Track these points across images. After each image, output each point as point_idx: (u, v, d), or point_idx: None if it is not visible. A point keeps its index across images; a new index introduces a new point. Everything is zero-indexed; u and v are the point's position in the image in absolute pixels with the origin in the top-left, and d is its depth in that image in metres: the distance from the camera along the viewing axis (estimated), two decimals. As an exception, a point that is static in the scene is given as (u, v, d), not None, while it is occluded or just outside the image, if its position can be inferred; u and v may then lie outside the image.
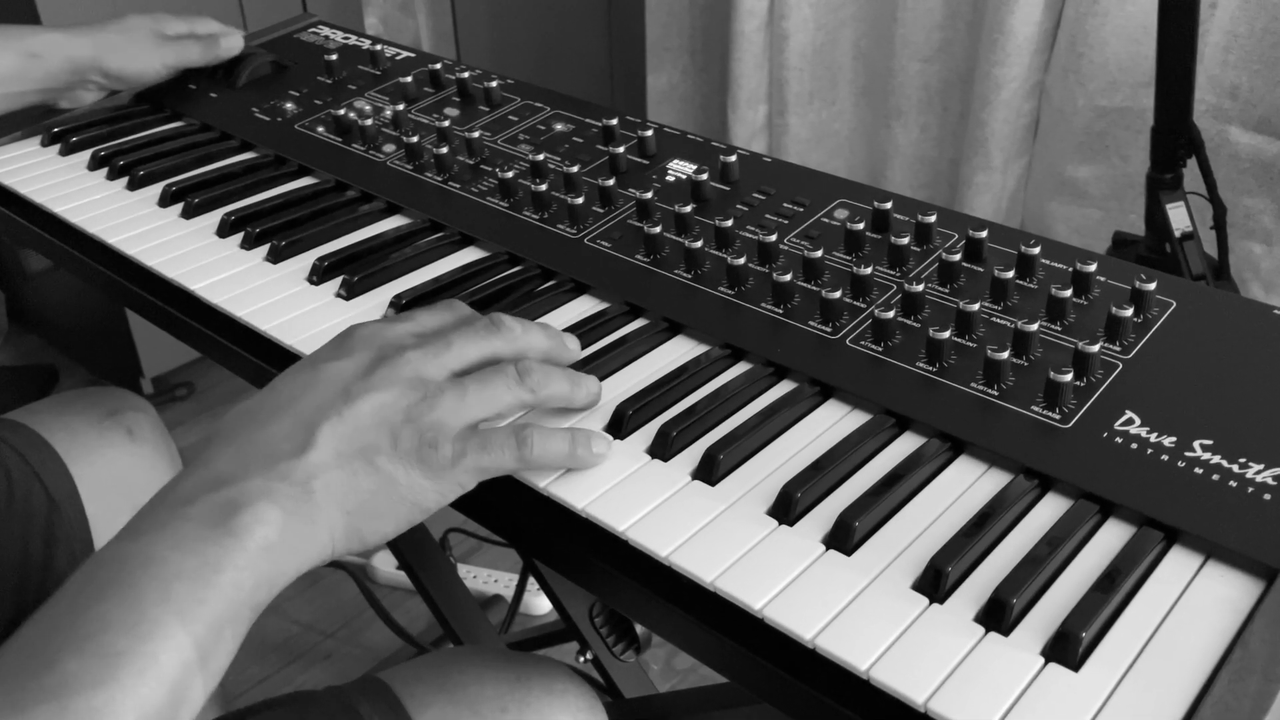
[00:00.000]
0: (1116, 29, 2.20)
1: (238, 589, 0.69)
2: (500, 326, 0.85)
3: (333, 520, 0.74)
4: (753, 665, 0.71)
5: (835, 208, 1.06)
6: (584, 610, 1.27)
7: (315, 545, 0.74)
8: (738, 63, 2.74)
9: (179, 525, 0.70)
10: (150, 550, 0.69)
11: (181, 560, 0.68)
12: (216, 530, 0.70)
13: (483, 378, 0.81)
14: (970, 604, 0.70)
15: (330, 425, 0.75)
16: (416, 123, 1.29)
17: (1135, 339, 0.87)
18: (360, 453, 0.75)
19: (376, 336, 0.82)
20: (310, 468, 0.74)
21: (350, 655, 2.19)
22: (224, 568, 0.69)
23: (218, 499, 0.71)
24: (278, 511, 0.71)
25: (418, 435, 0.77)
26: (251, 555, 0.70)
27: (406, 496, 0.77)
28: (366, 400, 0.76)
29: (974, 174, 2.48)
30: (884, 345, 0.89)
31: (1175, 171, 1.91)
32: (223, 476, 0.73)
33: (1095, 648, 0.66)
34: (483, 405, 0.80)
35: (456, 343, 0.83)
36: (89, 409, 1.37)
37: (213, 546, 0.69)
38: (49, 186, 1.26)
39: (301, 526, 0.73)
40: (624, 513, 0.78)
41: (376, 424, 0.76)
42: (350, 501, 0.75)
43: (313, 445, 0.74)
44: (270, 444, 0.75)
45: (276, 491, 0.72)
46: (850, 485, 0.79)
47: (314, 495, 0.73)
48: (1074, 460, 0.78)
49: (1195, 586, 0.70)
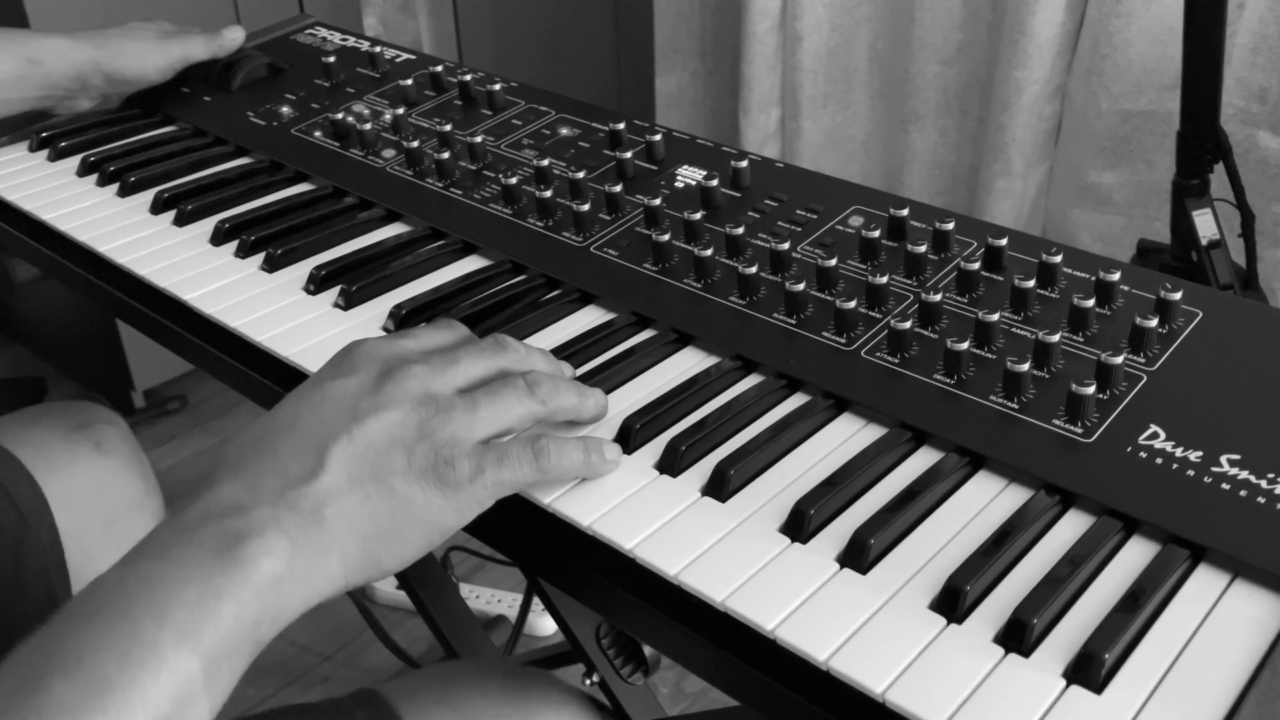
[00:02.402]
0: (1141, 30, 2.20)
1: (239, 621, 0.68)
2: (506, 345, 0.85)
3: (346, 548, 0.73)
4: (765, 688, 0.71)
5: (850, 215, 1.06)
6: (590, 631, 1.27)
7: (326, 576, 0.73)
8: (749, 65, 2.74)
9: (183, 551, 0.69)
10: (151, 575, 0.68)
11: (182, 587, 0.67)
12: (221, 558, 0.69)
13: (493, 391, 0.80)
14: (989, 624, 0.70)
15: (340, 447, 0.74)
16: (417, 127, 1.30)
17: (1160, 350, 0.87)
18: (373, 474, 0.74)
19: (381, 352, 0.81)
20: (321, 494, 0.73)
21: (349, 678, 2.19)
22: (226, 597, 0.68)
23: (225, 527, 0.70)
24: (286, 542, 0.70)
25: (433, 452, 0.76)
26: (256, 587, 0.69)
27: (424, 517, 0.76)
28: (376, 419, 0.76)
29: (994, 180, 2.48)
30: (900, 357, 0.89)
31: (1202, 177, 1.91)
32: (230, 503, 0.72)
33: (1119, 669, 0.66)
34: (494, 419, 0.79)
35: (464, 358, 0.82)
36: (56, 423, 1.37)
37: (216, 575, 0.68)
38: (37, 193, 1.27)
39: (312, 556, 0.71)
40: (631, 530, 0.78)
41: (389, 443, 0.75)
42: (365, 526, 0.74)
43: (323, 469, 0.73)
44: (279, 469, 0.74)
45: (285, 520, 0.71)
46: (865, 502, 0.79)
47: (325, 523, 0.72)
48: (1097, 476, 0.78)
49: (1222, 606, 0.70)
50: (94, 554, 1.34)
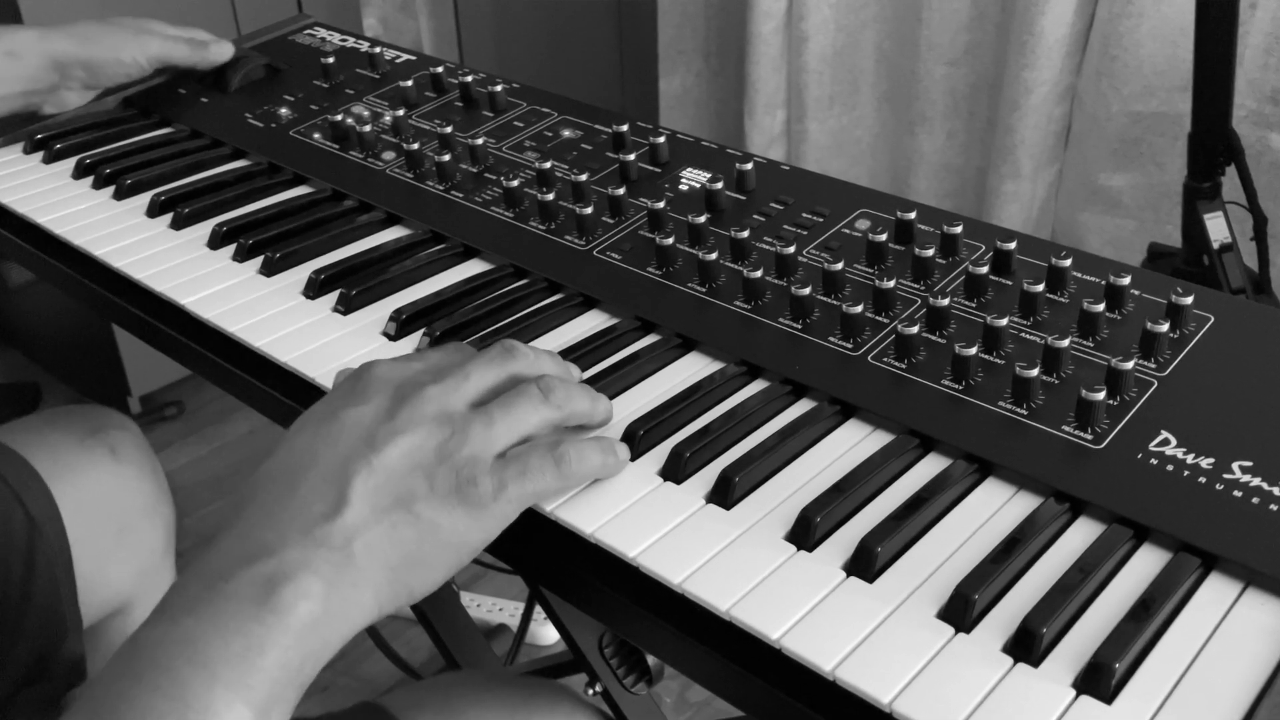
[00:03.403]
0: (1152, 30, 2.20)
1: (284, 669, 0.68)
2: (515, 350, 0.85)
3: (378, 580, 0.73)
4: (770, 698, 0.71)
5: (856, 218, 1.06)
6: (593, 640, 1.27)
7: (360, 610, 0.72)
8: (754, 66, 2.74)
9: (219, 604, 0.69)
10: (191, 634, 0.68)
11: (226, 644, 0.67)
12: (259, 609, 0.68)
13: (506, 402, 0.80)
14: (998, 634, 0.70)
15: (361, 479, 0.74)
16: (417, 129, 1.30)
17: (1171, 355, 0.87)
18: (398, 503, 0.74)
19: (391, 375, 0.81)
20: (348, 529, 0.72)
21: (348, 688, 2.19)
22: (269, 649, 0.68)
23: (256, 574, 0.70)
24: (320, 583, 0.70)
25: (454, 474, 0.76)
26: (297, 633, 0.69)
27: (451, 540, 0.75)
28: (395, 445, 0.75)
29: (1002, 183, 2.48)
30: (907, 362, 0.89)
31: (1213, 180, 1.91)
32: (258, 548, 0.71)
33: (1129, 679, 0.66)
34: (510, 430, 0.79)
35: (474, 372, 0.82)
36: (71, 427, 1.37)
37: (256, 626, 0.68)
38: (31, 196, 1.27)
39: (346, 592, 0.71)
40: (635, 538, 0.78)
41: (409, 469, 0.75)
42: (394, 557, 0.74)
43: (347, 504, 0.73)
44: (302, 508, 0.73)
45: (316, 559, 0.71)
46: (872, 509, 0.80)
47: (355, 558, 0.72)
48: (1107, 483, 0.78)
49: (1234, 615, 0.70)
50: (104, 561, 1.34)
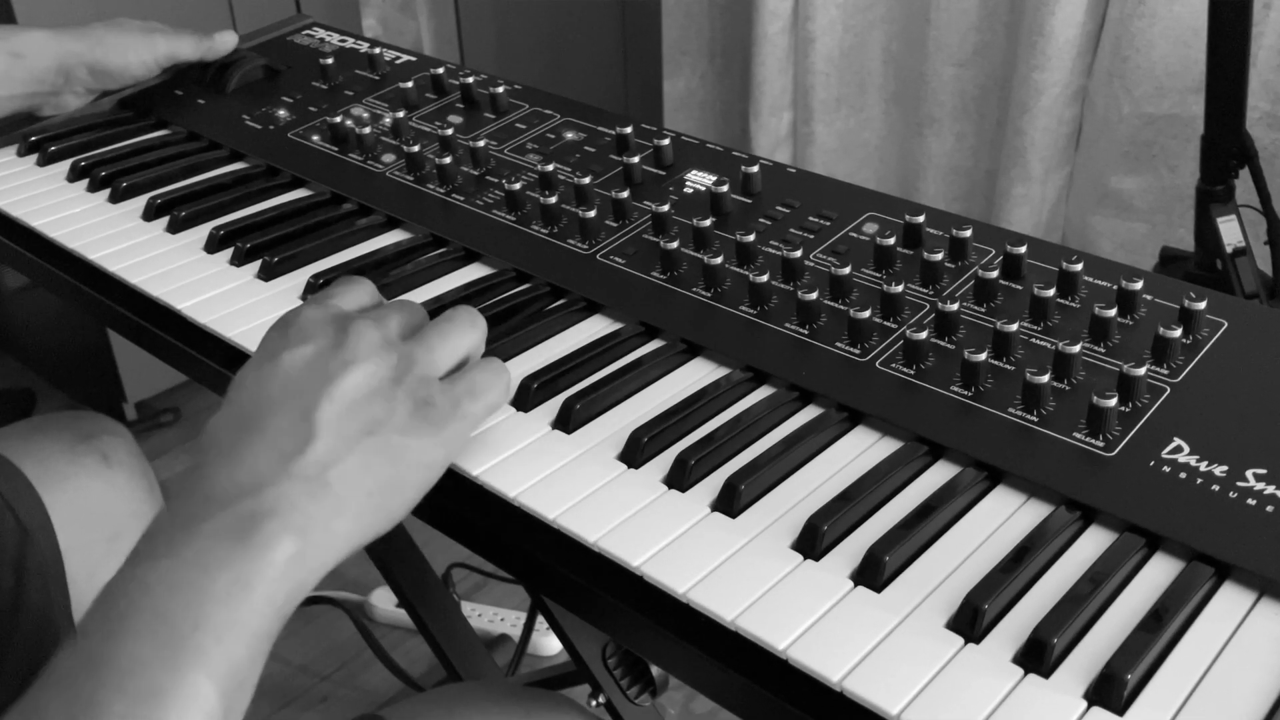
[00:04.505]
0: (1164, 31, 2.20)
1: (270, 603, 0.70)
2: (409, 299, 0.91)
3: (358, 508, 0.75)
4: (776, 710, 0.71)
5: (864, 221, 1.06)
6: (596, 650, 1.27)
7: (343, 538, 0.74)
8: (760, 67, 2.74)
9: (200, 544, 0.70)
10: (174, 575, 0.69)
11: (211, 583, 0.68)
12: (242, 545, 0.70)
13: (439, 328, 0.85)
14: (1008, 644, 0.70)
15: (325, 410, 0.76)
16: (418, 131, 1.30)
17: (1184, 361, 0.87)
18: (364, 430, 0.76)
19: (321, 315, 0.83)
20: (321, 460, 0.74)
21: (347, 698, 2.19)
22: (255, 585, 0.69)
23: (235, 512, 0.71)
24: (300, 516, 0.72)
25: (410, 396, 0.79)
26: (281, 567, 0.70)
27: (420, 460, 0.78)
28: (350, 375, 0.78)
29: (1012, 185, 2.48)
30: (916, 368, 0.90)
31: (1227, 183, 1.91)
32: (234, 488, 0.73)
33: (1141, 691, 0.66)
34: (450, 353, 0.84)
35: (392, 308, 0.86)
36: (62, 434, 1.37)
37: (241, 564, 0.69)
38: (26, 199, 1.27)
39: (328, 523, 0.73)
40: (639, 546, 0.78)
41: (368, 395, 0.78)
42: (370, 482, 0.76)
43: (316, 436, 0.75)
44: (271, 446, 0.75)
45: (295, 493, 0.73)
46: (880, 517, 0.80)
47: (332, 487, 0.74)
48: (1119, 491, 0.78)
49: (1248, 625, 0.70)
50: (97, 570, 1.34)
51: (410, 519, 0.82)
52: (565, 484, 0.84)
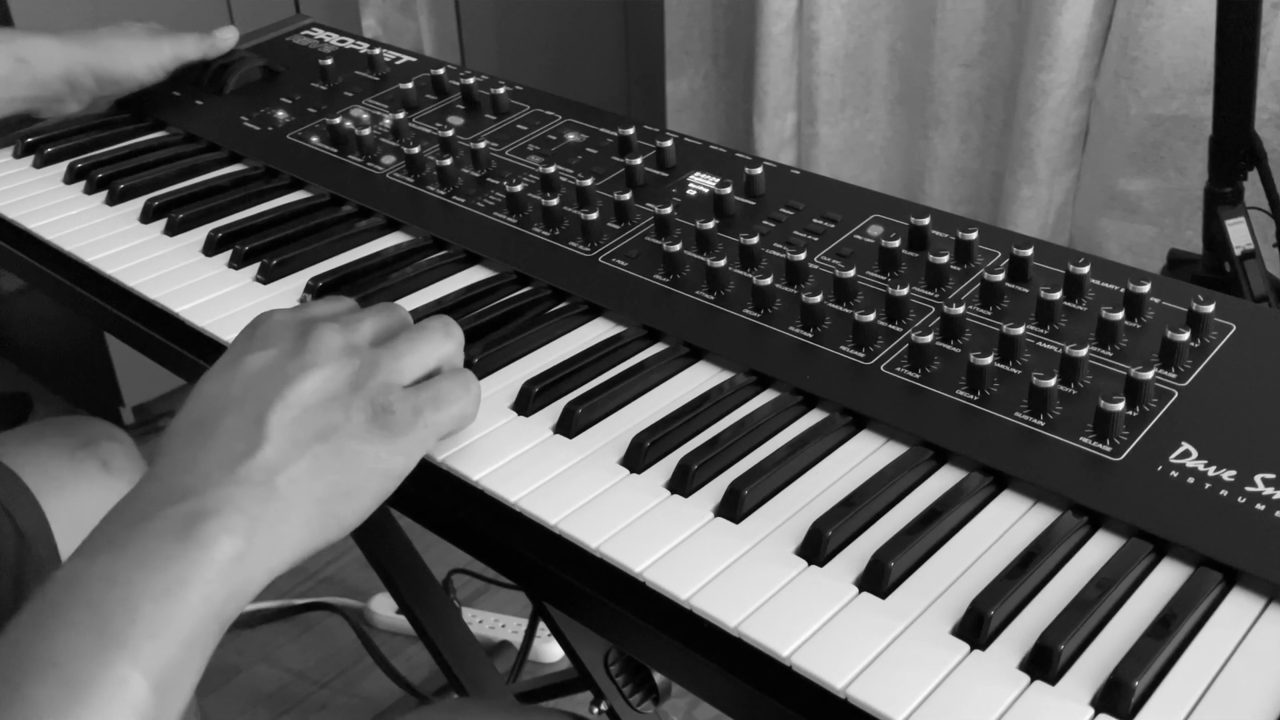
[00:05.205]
0: (1172, 31, 2.20)
1: (207, 603, 0.70)
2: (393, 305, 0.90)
3: (306, 513, 0.75)
4: (781, 717, 0.71)
5: (869, 224, 1.06)
6: (598, 657, 1.27)
7: (289, 543, 0.75)
8: (764, 68, 2.74)
9: (141, 542, 0.71)
10: (112, 570, 0.69)
11: (147, 579, 0.69)
12: (182, 544, 0.70)
13: (410, 336, 0.85)
14: (1015, 651, 0.70)
15: (278, 413, 0.77)
16: (418, 132, 1.30)
17: (1192, 365, 0.87)
18: (317, 436, 0.77)
19: (290, 319, 0.84)
20: (270, 464, 0.75)
21: (346, 706, 2.19)
22: (192, 583, 0.69)
23: (179, 512, 0.72)
24: (243, 518, 0.72)
25: (369, 402, 0.79)
26: (221, 567, 0.71)
27: (375, 468, 0.79)
28: (307, 379, 0.78)
29: (1018, 187, 2.48)
30: (921, 372, 0.90)
31: (1235, 185, 1.91)
32: (180, 490, 0.74)
33: (1149, 698, 0.66)
34: (418, 361, 0.84)
35: (368, 315, 0.86)
36: (61, 440, 1.37)
37: (180, 561, 0.70)
38: (22, 201, 1.27)
39: (273, 527, 0.74)
40: (641, 552, 0.78)
41: (324, 401, 0.78)
42: (320, 488, 0.76)
43: (266, 440, 0.75)
44: (221, 449, 0.76)
45: (239, 496, 0.73)
46: (885, 523, 0.80)
47: (279, 492, 0.74)
48: (1126, 496, 0.78)
49: (1257, 631, 0.70)
50: None
51: (410, 524, 0.82)
52: (567, 489, 0.84)
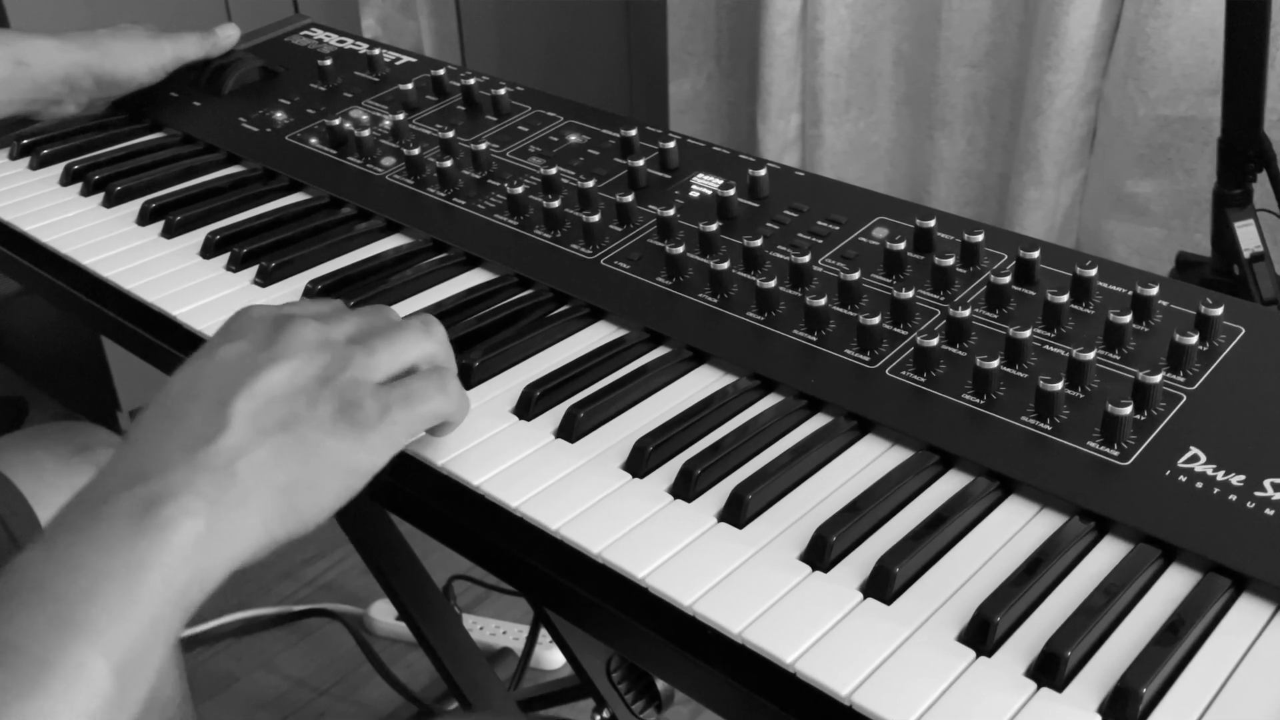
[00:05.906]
0: (1180, 32, 2.20)
1: (168, 586, 0.70)
2: (382, 306, 0.91)
3: (265, 502, 0.76)
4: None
5: (874, 226, 1.06)
6: (600, 664, 1.27)
7: (249, 532, 0.75)
8: (768, 69, 2.74)
9: (99, 526, 0.71)
10: (70, 555, 0.70)
11: (106, 561, 0.69)
12: (140, 526, 0.71)
13: (388, 333, 0.85)
14: (1021, 657, 0.70)
15: (242, 401, 0.77)
16: (418, 134, 1.30)
17: (1201, 369, 0.87)
18: (280, 425, 0.77)
19: (267, 313, 0.85)
20: (231, 450, 0.75)
21: (346, 714, 2.19)
22: (151, 565, 0.70)
23: (137, 496, 0.72)
24: (202, 502, 0.72)
25: (336, 396, 0.80)
26: (180, 550, 0.71)
27: (340, 462, 0.79)
28: (275, 370, 0.79)
29: (1025, 189, 2.48)
30: (927, 376, 0.90)
31: (1244, 187, 1.91)
32: (140, 473, 0.74)
33: (1157, 705, 0.66)
34: (393, 359, 0.84)
35: (350, 314, 0.87)
36: (56, 445, 1.37)
37: (139, 543, 0.70)
38: (18, 203, 1.27)
39: (230, 512, 0.74)
40: (644, 558, 0.78)
41: (290, 392, 0.79)
42: (280, 478, 0.76)
43: (228, 426, 0.76)
44: (184, 433, 0.76)
45: (198, 480, 0.73)
46: (890, 528, 0.80)
47: (238, 477, 0.74)
48: (1134, 501, 0.78)
49: (1266, 638, 0.70)
50: None
51: (410, 530, 0.82)
52: (568, 494, 0.84)
